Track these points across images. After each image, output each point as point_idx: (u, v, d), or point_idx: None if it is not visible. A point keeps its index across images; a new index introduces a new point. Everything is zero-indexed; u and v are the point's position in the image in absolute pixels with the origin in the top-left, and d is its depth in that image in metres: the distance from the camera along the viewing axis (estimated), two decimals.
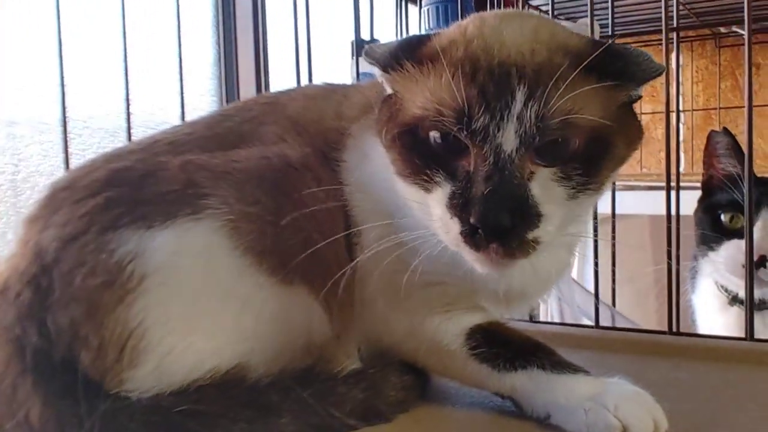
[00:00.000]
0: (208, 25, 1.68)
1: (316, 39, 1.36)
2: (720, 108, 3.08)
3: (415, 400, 0.80)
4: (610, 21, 1.19)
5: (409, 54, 0.71)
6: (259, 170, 0.78)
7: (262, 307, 0.73)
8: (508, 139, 0.64)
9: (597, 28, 1.18)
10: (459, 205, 0.65)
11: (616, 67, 0.68)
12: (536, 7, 1.78)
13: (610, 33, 1.19)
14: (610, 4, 1.18)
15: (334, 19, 1.51)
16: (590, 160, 0.67)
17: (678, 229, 1.10)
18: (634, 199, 2.35)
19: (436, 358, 0.79)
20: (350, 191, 0.81)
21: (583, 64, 0.65)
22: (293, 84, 1.35)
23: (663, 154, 1.14)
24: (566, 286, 1.38)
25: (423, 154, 0.69)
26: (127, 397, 0.67)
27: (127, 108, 1.33)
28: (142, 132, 1.35)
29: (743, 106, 3.22)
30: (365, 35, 1.43)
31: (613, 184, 1.10)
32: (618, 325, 1.24)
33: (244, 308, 0.72)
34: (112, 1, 1.31)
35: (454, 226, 0.66)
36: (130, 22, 1.31)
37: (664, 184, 1.11)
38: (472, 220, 0.64)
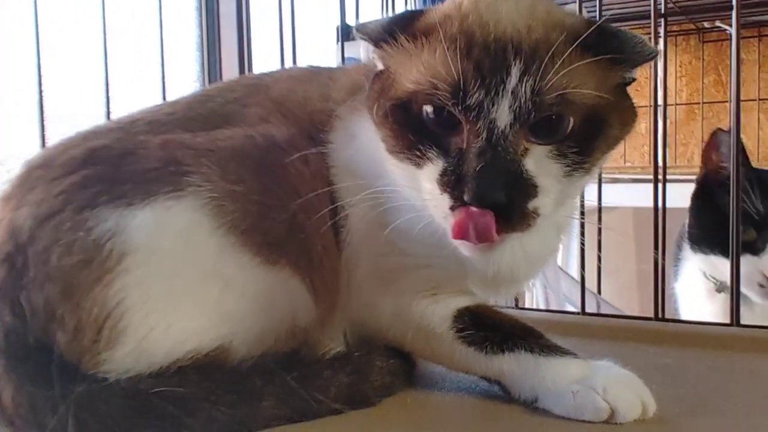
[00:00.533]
0: (191, 11, 1.65)
1: (301, 24, 1.34)
2: (703, 102, 3.10)
3: (401, 384, 0.78)
4: (597, 8, 1.18)
5: (402, 28, 0.70)
6: (243, 148, 0.76)
7: (246, 287, 0.72)
8: (502, 115, 0.63)
9: (584, 14, 1.17)
10: (450, 182, 0.65)
11: (611, 47, 0.67)
12: None
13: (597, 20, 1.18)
14: None
15: (319, 4, 1.49)
16: (585, 138, 0.66)
17: (664, 219, 1.10)
18: (619, 192, 2.36)
19: (423, 342, 0.78)
20: (337, 172, 0.80)
21: (578, 41, 0.64)
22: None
23: (647, 148, 1.14)
24: (552, 273, 1.37)
25: (415, 129, 0.68)
26: (105, 378, 0.65)
27: (107, 92, 1.29)
28: None
29: (726, 101, 3.24)
30: (351, 21, 1.41)
31: (599, 174, 1.11)
32: (603, 312, 1.23)
33: (226, 288, 0.71)
34: None
35: (444, 203, 0.65)
36: (110, 8, 1.28)
37: (647, 176, 1.11)
38: (465, 198, 0.63)
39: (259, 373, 0.69)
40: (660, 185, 1.11)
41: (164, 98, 1.26)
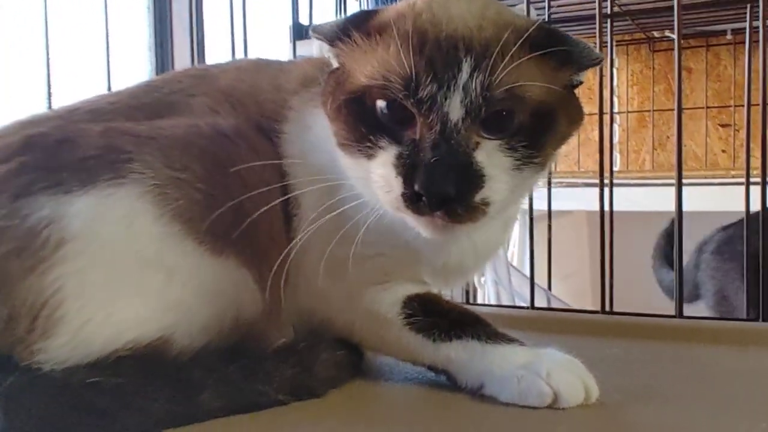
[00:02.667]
0: (143, 10, 1.63)
1: (254, 23, 1.34)
2: (653, 110, 3.19)
3: (347, 377, 0.78)
4: (546, 8, 1.21)
5: (357, 26, 0.71)
6: (188, 137, 0.75)
7: (189, 277, 0.70)
8: (455, 109, 0.64)
9: (533, 14, 1.19)
10: (405, 165, 0.65)
11: (560, 50, 0.69)
12: None
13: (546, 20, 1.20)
14: None
15: (272, 3, 1.48)
16: (535, 133, 0.68)
17: (611, 221, 1.13)
18: (573, 196, 2.40)
19: (372, 330, 0.78)
20: (290, 162, 0.79)
21: (525, 39, 0.66)
22: None
23: (598, 156, 1.17)
24: (503, 271, 1.39)
25: (368, 122, 0.69)
26: (39, 368, 0.63)
27: (48, 93, 1.27)
28: None
29: (674, 109, 3.32)
30: (304, 20, 1.41)
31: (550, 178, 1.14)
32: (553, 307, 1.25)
33: (169, 278, 0.69)
34: None
35: (398, 187, 0.65)
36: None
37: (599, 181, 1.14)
38: (416, 188, 0.64)
39: (198, 366, 0.68)
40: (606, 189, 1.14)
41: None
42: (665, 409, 0.70)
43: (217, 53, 1.52)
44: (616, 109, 3.21)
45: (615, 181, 1.17)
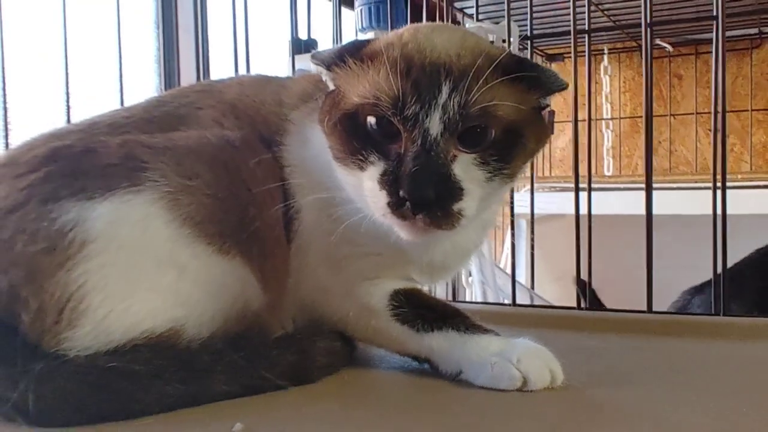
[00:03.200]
0: (150, 24, 1.72)
1: (259, 38, 1.42)
2: (646, 116, 3.25)
3: (341, 364, 0.86)
4: (528, 24, 1.29)
5: (352, 53, 0.80)
6: (198, 147, 0.83)
7: (198, 274, 0.78)
8: (434, 124, 0.73)
9: (515, 29, 1.28)
10: (389, 180, 0.74)
11: (528, 76, 0.78)
12: (461, 10, 1.87)
13: (528, 34, 1.28)
14: (528, 8, 1.28)
15: (274, 19, 1.57)
16: (505, 148, 0.77)
17: (590, 224, 1.21)
18: (566, 200, 2.48)
19: (363, 320, 0.86)
20: (291, 171, 0.88)
21: (497, 65, 0.75)
22: None
23: (594, 160, 1.25)
24: (488, 271, 1.47)
25: (360, 137, 0.77)
26: (65, 355, 0.70)
27: (67, 105, 1.35)
28: None
29: (667, 115, 3.38)
30: (303, 35, 1.50)
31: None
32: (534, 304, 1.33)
33: (180, 275, 0.77)
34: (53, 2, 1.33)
35: (383, 198, 0.74)
36: (71, 21, 1.34)
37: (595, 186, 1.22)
38: (401, 193, 0.72)
39: (208, 352, 0.75)
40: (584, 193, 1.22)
41: (122, 105, 1.32)
42: (622, 389, 0.78)
43: (221, 66, 1.60)
44: (609, 115, 3.29)
45: (606, 185, 1.25)
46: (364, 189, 0.76)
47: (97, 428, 0.67)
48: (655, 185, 2.58)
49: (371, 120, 0.76)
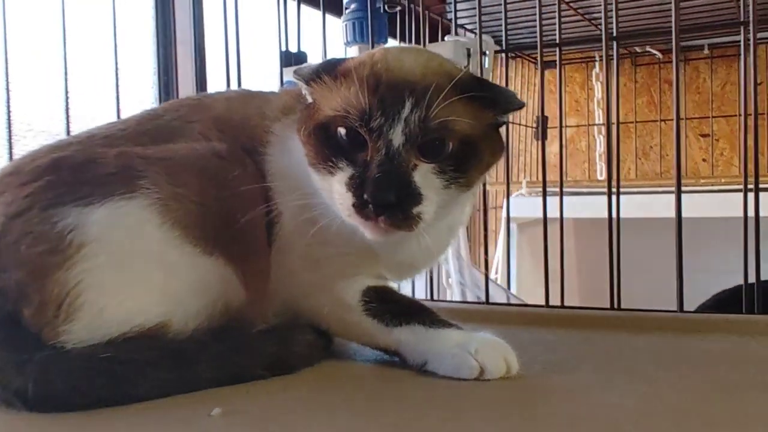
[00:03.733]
0: (149, 35, 1.80)
1: (253, 51, 1.50)
2: (636, 122, 3.34)
3: (318, 356, 0.93)
4: (503, 35, 1.36)
5: (327, 71, 0.89)
6: (188, 158, 0.91)
7: (185, 273, 0.86)
8: (397, 136, 0.81)
9: (491, 42, 1.35)
10: (355, 184, 0.82)
11: (486, 95, 0.86)
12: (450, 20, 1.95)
13: (503, 48, 1.36)
14: (503, 20, 1.35)
15: (267, 33, 1.65)
16: (462, 160, 0.84)
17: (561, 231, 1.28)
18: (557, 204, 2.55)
19: (337, 315, 0.93)
20: (273, 179, 0.95)
21: (456, 84, 0.83)
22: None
23: (587, 165, 1.33)
24: (467, 273, 1.54)
25: (331, 145, 0.85)
26: (63, 347, 0.78)
27: (66, 116, 1.43)
28: None
29: (657, 120, 3.45)
30: (293, 48, 1.57)
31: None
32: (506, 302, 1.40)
33: (168, 274, 0.84)
34: (53, 12, 1.41)
35: (349, 199, 0.82)
36: (71, 32, 1.42)
37: (585, 189, 1.29)
38: (365, 196, 0.80)
39: (194, 343, 0.83)
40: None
41: (119, 117, 1.41)
42: (571, 377, 0.85)
43: (217, 77, 1.68)
44: (601, 121, 3.36)
45: (598, 189, 1.32)
46: (334, 192, 0.84)
47: (89, 413, 0.74)
48: (648, 189, 2.66)
49: (341, 130, 0.84)
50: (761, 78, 3.04)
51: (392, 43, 1.75)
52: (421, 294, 1.36)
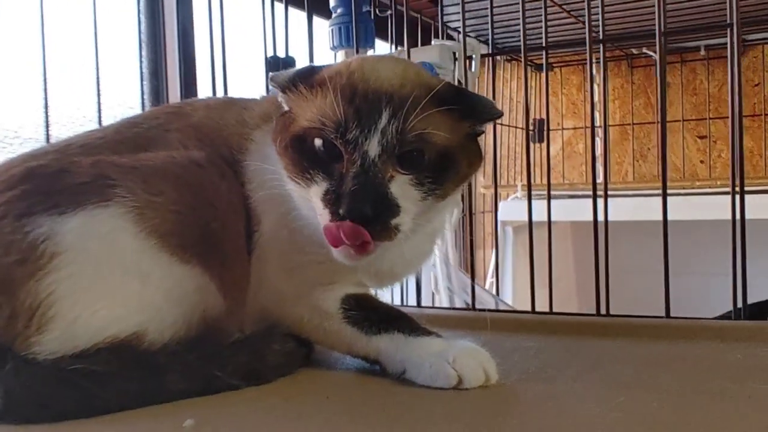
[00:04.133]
0: (134, 40, 1.79)
1: (245, 55, 1.49)
2: (634, 124, 3.32)
3: (295, 365, 0.92)
4: (490, 37, 1.36)
5: (303, 79, 0.87)
6: (164, 166, 0.90)
7: (161, 282, 0.85)
8: (373, 148, 0.80)
9: (477, 44, 1.35)
10: (331, 200, 0.81)
11: (464, 105, 0.85)
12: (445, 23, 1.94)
13: (489, 51, 1.35)
14: (489, 24, 1.34)
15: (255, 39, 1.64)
16: (439, 171, 0.84)
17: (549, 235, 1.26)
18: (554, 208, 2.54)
19: (317, 323, 0.92)
20: (252, 187, 0.95)
21: (434, 95, 0.82)
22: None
23: (584, 167, 1.32)
24: (455, 277, 1.53)
25: (308, 157, 0.84)
26: (34, 358, 0.77)
27: (46, 123, 1.42)
28: None
29: (655, 122, 3.45)
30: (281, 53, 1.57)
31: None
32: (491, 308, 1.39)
33: (143, 283, 0.83)
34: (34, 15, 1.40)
35: (326, 216, 0.81)
36: (54, 36, 1.41)
37: (582, 192, 1.28)
38: (341, 212, 0.78)
39: (164, 354, 0.82)
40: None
41: (100, 124, 1.40)
42: (551, 385, 0.84)
43: (205, 82, 1.67)
44: (598, 123, 3.35)
45: (600, 192, 1.30)
46: (313, 205, 0.83)
47: (58, 425, 0.73)
48: (643, 192, 2.65)
49: (317, 142, 0.83)
50: (758, 79, 3.04)
51: (383, 46, 1.74)
52: (410, 300, 1.35)
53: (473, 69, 1.32)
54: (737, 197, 1.14)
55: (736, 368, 0.91)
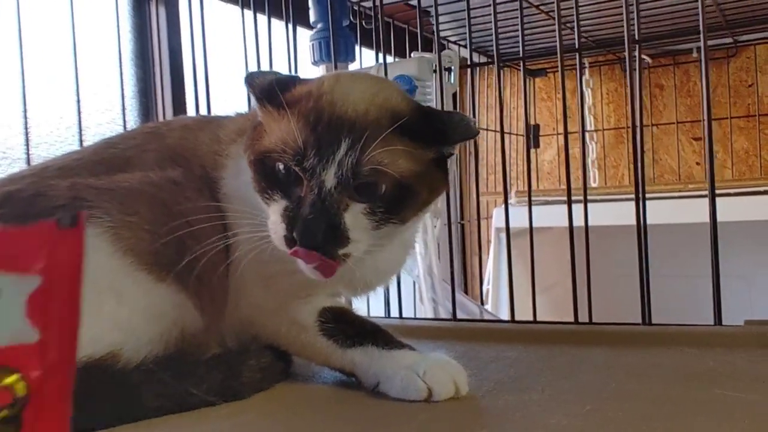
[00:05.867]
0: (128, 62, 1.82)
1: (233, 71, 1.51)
2: (629, 127, 3.32)
3: (272, 380, 0.93)
4: (468, 46, 1.37)
5: (274, 98, 0.87)
6: (140, 186, 0.92)
7: (137, 301, 0.86)
8: (329, 178, 0.81)
9: (455, 55, 1.36)
10: (289, 216, 0.83)
11: (433, 129, 0.86)
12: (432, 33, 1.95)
13: (469, 60, 1.36)
14: (467, 31, 1.36)
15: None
16: (394, 202, 0.84)
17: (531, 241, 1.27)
18: (552, 213, 2.55)
19: (294, 335, 0.94)
20: (227, 201, 0.96)
21: (400, 123, 0.82)
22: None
23: (580, 172, 1.33)
24: (440, 287, 1.54)
25: (269, 177, 0.86)
26: None
27: (26, 143, 1.44)
28: None
29: (650, 125, 3.45)
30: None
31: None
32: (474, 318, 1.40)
33: (119, 302, 0.85)
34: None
35: (282, 230, 0.83)
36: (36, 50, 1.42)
37: (575, 198, 1.29)
38: (294, 236, 0.81)
39: (139, 372, 0.83)
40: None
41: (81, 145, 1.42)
42: (522, 395, 0.84)
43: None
44: (593, 127, 3.36)
45: (595, 197, 1.32)
46: (269, 220, 0.85)
47: None
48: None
49: (279, 166, 0.85)
50: (751, 80, 3.04)
51: (370, 54, 1.74)
52: (393, 311, 1.36)
53: (452, 81, 1.33)
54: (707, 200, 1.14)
55: (708, 376, 0.91)
